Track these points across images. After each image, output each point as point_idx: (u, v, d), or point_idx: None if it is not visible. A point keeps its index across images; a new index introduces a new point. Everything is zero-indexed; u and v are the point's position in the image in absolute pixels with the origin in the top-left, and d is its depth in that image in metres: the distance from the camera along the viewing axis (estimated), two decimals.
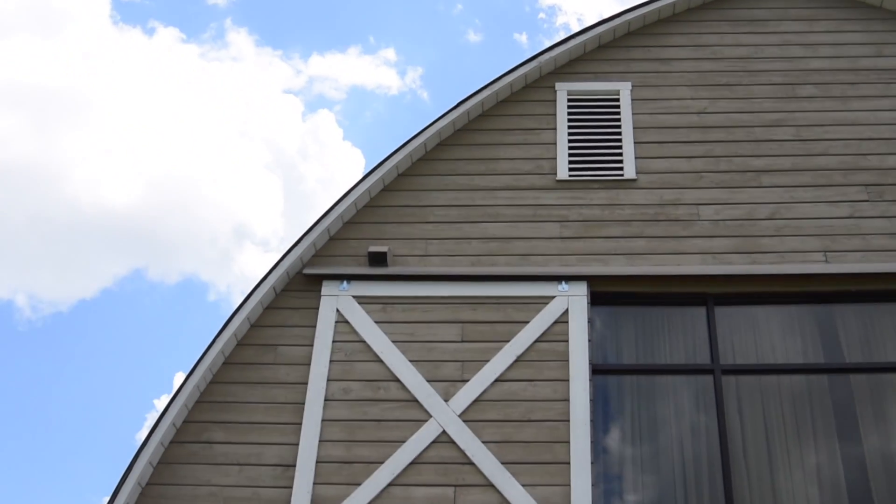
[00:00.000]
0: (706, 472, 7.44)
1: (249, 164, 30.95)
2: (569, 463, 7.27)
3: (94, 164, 29.14)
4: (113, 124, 29.52)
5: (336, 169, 32.26)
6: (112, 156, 29.28)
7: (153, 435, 7.45)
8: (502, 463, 7.29)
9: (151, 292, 30.35)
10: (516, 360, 7.75)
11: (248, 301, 8.06)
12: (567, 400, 7.55)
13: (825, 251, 8.27)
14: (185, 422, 7.68)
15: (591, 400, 7.56)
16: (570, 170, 8.91)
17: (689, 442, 7.59)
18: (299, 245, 8.32)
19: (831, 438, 7.54)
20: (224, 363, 7.93)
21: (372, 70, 31.70)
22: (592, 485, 7.18)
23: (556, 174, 8.86)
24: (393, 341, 7.89)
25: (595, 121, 9.28)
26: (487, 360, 7.76)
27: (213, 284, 32.04)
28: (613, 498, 7.38)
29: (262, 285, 8.13)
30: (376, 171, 8.75)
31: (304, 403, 7.67)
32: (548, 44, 9.33)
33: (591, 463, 7.27)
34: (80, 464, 27.43)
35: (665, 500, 7.35)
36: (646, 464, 7.52)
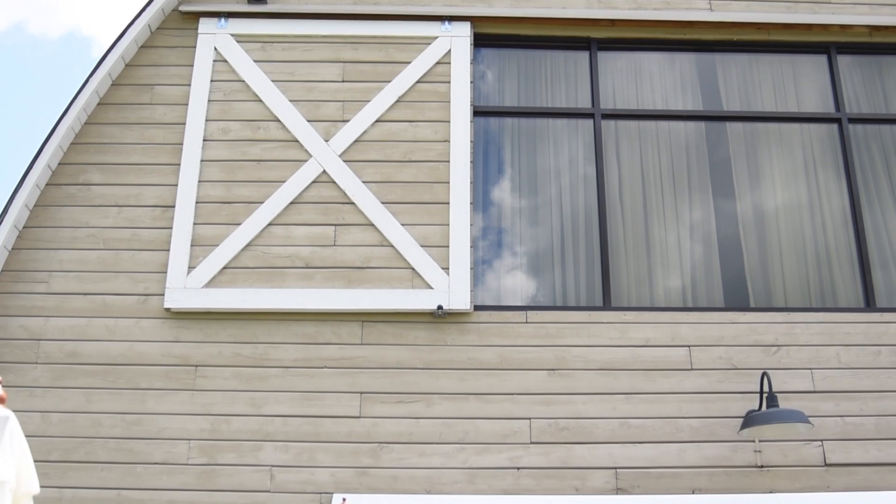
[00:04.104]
0: (583, 217, 7.61)
1: None
2: (448, 203, 7.35)
3: None
4: None
5: None
6: None
7: (27, 177, 7.27)
8: (382, 203, 7.34)
9: (33, 47, 29.20)
10: (397, 101, 7.67)
11: (122, 39, 7.74)
12: (448, 141, 7.55)
13: None
14: (60, 164, 7.50)
15: (471, 141, 7.59)
16: None
17: (567, 187, 7.72)
18: None
19: (706, 190, 7.74)
20: (99, 104, 7.70)
21: None
22: (471, 224, 7.30)
23: None
24: (272, 81, 7.72)
25: None
26: (368, 101, 7.67)
27: (97, 39, 30.97)
28: (490, 236, 7.54)
29: (136, 23, 7.80)
30: None
31: (182, 144, 7.54)
32: None
33: (470, 203, 7.37)
34: None
35: (541, 242, 7.54)
36: (523, 206, 7.65)
